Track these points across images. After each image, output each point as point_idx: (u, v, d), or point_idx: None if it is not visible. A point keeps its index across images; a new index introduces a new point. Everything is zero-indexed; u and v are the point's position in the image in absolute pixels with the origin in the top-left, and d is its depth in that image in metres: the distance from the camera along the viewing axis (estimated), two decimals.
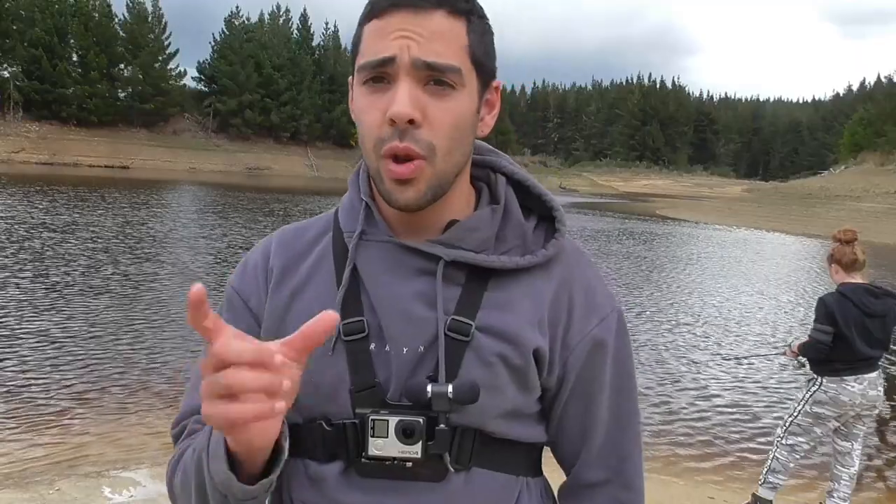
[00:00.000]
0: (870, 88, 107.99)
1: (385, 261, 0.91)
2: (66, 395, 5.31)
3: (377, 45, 0.83)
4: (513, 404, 0.91)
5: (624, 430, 0.97)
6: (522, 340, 0.89)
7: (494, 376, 0.88)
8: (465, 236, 0.90)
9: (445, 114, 0.84)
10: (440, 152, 0.84)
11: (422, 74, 0.82)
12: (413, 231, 0.92)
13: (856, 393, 3.72)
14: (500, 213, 0.94)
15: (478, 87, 0.88)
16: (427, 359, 0.87)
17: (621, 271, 14.47)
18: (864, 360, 3.74)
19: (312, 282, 0.94)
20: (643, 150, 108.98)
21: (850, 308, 3.69)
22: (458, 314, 0.88)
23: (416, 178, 0.84)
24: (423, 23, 0.82)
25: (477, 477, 0.89)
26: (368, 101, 0.85)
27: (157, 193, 28.08)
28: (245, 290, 0.98)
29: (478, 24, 0.87)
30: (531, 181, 0.99)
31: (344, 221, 0.97)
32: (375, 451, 0.85)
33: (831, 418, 3.81)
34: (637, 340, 8.43)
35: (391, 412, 0.86)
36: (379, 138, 0.84)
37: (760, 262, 18.56)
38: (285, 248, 0.98)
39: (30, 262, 10.58)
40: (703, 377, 7.14)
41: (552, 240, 0.95)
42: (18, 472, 4.00)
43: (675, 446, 5.26)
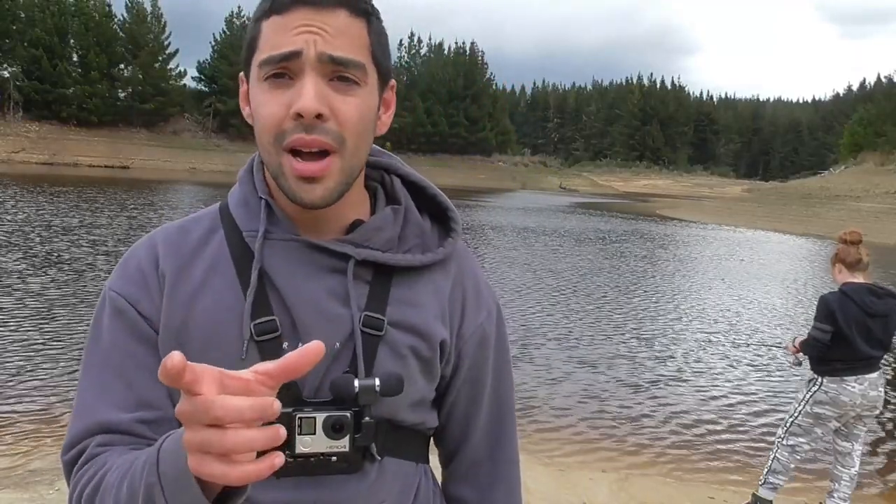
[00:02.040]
0: (870, 88, 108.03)
1: (294, 260, 0.91)
2: (66, 395, 5.31)
3: (280, 40, 0.82)
4: (420, 394, 0.96)
5: (503, 410, 1.07)
6: (431, 333, 0.94)
7: (406, 368, 0.92)
8: (371, 236, 0.93)
9: (351, 108, 0.84)
10: (349, 146, 0.85)
11: (327, 69, 0.82)
12: (317, 229, 0.92)
13: (856, 393, 3.71)
14: (402, 213, 0.98)
15: (378, 85, 0.89)
16: (343, 355, 0.89)
17: (620, 269, 14.47)
18: (864, 361, 3.73)
19: (210, 285, 0.91)
20: (643, 150, 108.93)
21: (851, 307, 3.69)
22: (369, 310, 0.91)
23: (324, 176, 0.84)
24: (326, 19, 0.82)
25: (388, 466, 0.93)
26: (269, 97, 0.83)
27: (160, 193, 28.06)
28: (132, 295, 0.92)
29: (376, 25, 0.88)
30: (425, 182, 1.04)
31: (241, 220, 0.94)
32: (303, 449, 0.84)
33: (832, 419, 3.81)
34: (638, 340, 8.43)
35: (315, 409, 0.84)
36: (280, 131, 0.83)
37: (761, 262, 18.55)
38: (173, 248, 0.94)
39: (38, 260, 10.58)
40: (703, 377, 7.14)
41: (448, 239, 1.00)
42: (18, 473, 4.01)
43: (674, 446, 5.27)
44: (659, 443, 5.30)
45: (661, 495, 4.28)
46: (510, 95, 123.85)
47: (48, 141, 49.20)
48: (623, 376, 6.94)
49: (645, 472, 4.72)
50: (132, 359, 0.90)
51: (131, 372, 0.89)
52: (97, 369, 0.91)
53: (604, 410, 5.87)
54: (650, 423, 5.68)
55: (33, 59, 51.83)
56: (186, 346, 0.87)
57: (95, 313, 0.94)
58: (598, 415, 5.75)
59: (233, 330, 0.88)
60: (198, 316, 0.89)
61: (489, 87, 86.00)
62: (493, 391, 1.05)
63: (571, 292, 11.54)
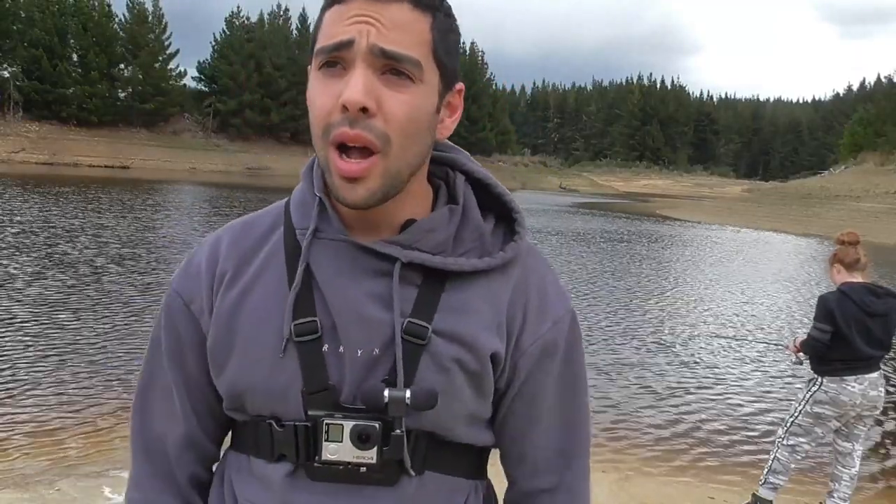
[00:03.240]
0: (870, 88, 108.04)
1: (339, 260, 0.87)
2: (66, 396, 5.30)
3: (335, 29, 0.80)
4: (468, 409, 0.89)
5: (570, 434, 0.96)
6: (479, 345, 0.87)
7: (451, 381, 0.86)
8: (421, 237, 0.87)
9: (401, 105, 0.79)
10: (395, 146, 0.80)
11: (378, 62, 0.79)
12: (368, 229, 0.88)
13: (856, 393, 3.71)
14: (459, 213, 0.91)
15: (439, 86, 0.84)
16: (382, 361, 0.85)
17: (620, 267, 14.47)
18: (864, 360, 3.73)
19: (261, 280, 0.90)
20: (643, 150, 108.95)
21: (850, 307, 3.68)
22: (414, 317, 0.85)
23: (366, 177, 0.80)
24: (384, 11, 0.79)
25: (429, 481, 0.88)
26: (322, 86, 0.81)
27: (163, 194, 28.06)
28: (187, 292, 0.94)
29: (443, 22, 0.83)
30: (491, 180, 0.96)
31: (296, 217, 0.92)
32: (329, 456, 0.83)
33: (832, 418, 3.80)
34: (638, 339, 8.43)
35: (346, 416, 0.84)
36: (328, 124, 0.80)
37: (762, 261, 18.54)
38: (235, 246, 0.93)
39: (37, 263, 10.58)
40: (703, 376, 7.14)
41: (511, 242, 0.92)
42: (18, 473, 4.00)
43: (674, 446, 5.26)
44: (659, 443, 5.29)
45: (661, 495, 4.27)
46: (510, 95, 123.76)
47: (48, 141, 49.16)
48: (622, 376, 6.93)
49: (645, 472, 4.71)
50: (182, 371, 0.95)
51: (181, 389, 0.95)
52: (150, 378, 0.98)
53: (603, 411, 5.87)
54: (650, 423, 5.68)
55: (33, 59, 51.78)
56: (234, 340, 0.89)
57: (161, 306, 0.98)
58: (598, 415, 5.75)
59: (275, 327, 0.87)
60: (247, 310, 0.89)
61: (489, 86, 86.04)
62: (557, 410, 0.94)
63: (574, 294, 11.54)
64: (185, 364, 0.94)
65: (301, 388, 0.85)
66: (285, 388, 0.86)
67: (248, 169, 57.04)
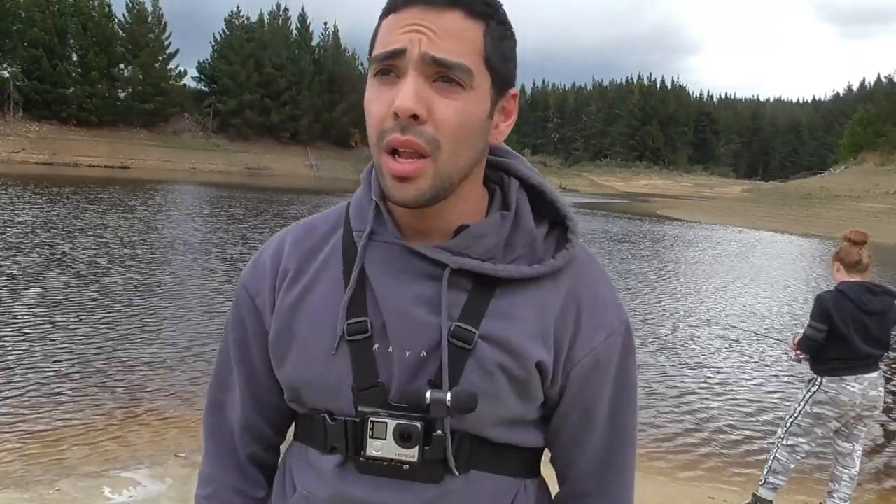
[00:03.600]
0: (870, 88, 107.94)
1: (392, 263, 0.90)
2: (66, 396, 5.31)
3: (389, 38, 0.82)
4: (512, 413, 0.91)
5: (618, 446, 0.97)
6: (525, 353, 0.88)
7: (494, 385, 0.88)
8: (472, 243, 0.89)
9: (451, 112, 0.82)
10: (445, 151, 0.82)
11: (430, 70, 0.81)
12: (421, 233, 0.91)
13: (856, 393, 3.71)
14: (511, 219, 0.92)
15: (491, 92, 0.86)
16: (429, 363, 0.88)
17: (622, 268, 14.47)
18: (863, 360, 3.72)
19: (321, 280, 0.94)
20: (643, 150, 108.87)
21: (847, 305, 3.68)
22: (462, 321, 0.88)
23: (417, 177, 0.83)
24: (437, 19, 0.81)
25: (474, 479, 0.91)
26: (376, 93, 0.84)
27: (163, 194, 28.06)
28: (253, 287, 0.99)
29: (496, 30, 0.85)
30: (545, 186, 0.97)
31: (354, 220, 0.96)
32: (373, 452, 0.87)
33: (832, 419, 3.80)
34: (639, 339, 8.40)
35: (390, 415, 0.87)
36: (382, 130, 0.83)
37: (762, 261, 18.54)
38: (299, 245, 0.98)
39: (38, 264, 10.58)
40: (703, 376, 7.14)
41: (562, 250, 0.93)
42: (18, 473, 4.00)
43: (675, 446, 5.26)
44: (659, 443, 5.29)
45: (661, 495, 4.27)
46: None
47: (48, 141, 49.15)
48: None
49: (645, 473, 4.71)
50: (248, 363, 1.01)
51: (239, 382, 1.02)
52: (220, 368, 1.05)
53: None
54: (650, 423, 5.67)
55: (33, 59, 51.77)
56: (294, 336, 0.94)
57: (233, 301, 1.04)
58: None
59: (331, 325, 0.91)
60: (306, 308, 0.93)
61: None
62: (609, 422, 0.96)
63: None
64: (249, 355, 1.00)
65: (352, 384, 0.89)
66: (337, 384, 0.90)
67: (248, 169, 57.02)
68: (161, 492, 3.76)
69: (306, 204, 27.63)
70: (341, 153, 67.49)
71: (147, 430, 4.79)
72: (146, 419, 5.00)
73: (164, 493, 3.75)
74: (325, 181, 51.37)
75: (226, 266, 11.81)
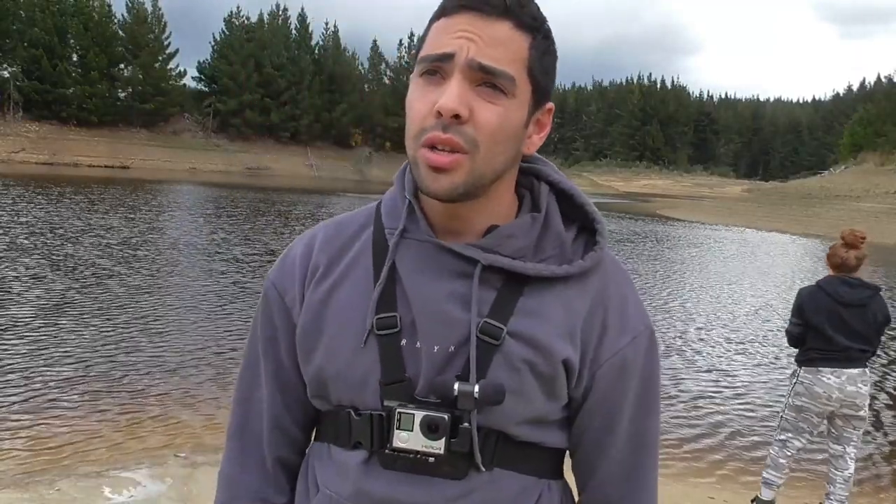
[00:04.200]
0: (870, 88, 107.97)
1: (423, 260, 0.92)
2: (66, 396, 5.31)
3: (439, 41, 0.85)
4: (538, 411, 0.92)
5: (641, 450, 0.99)
6: (552, 350, 0.90)
7: (521, 382, 0.89)
8: (502, 242, 0.91)
9: (492, 115, 0.85)
10: (482, 150, 0.85)
11: (475, 75, 0.84)
12: (453, 232, 0.93)
13: (832, 386, 3.70)
14: (541, 221, 0.95)
15: (530, 102, 0.89)
16: (457, 358, 0.89)
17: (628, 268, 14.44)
18: (842, 352, 3.71)
19: (350, 276, 0.96)
20: (643, 150, 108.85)
21: (822, 298, 3.76)
22: (490, 317, 0.90)
23: (452, 170, 0.85)
24: (486, 28, 0.84)
25: (498, 477, 0.91)
26: (420, 93, 0.87)
27: (164, 194, 28.05)
28: (282, 284, 1.01)
29: (541, 43, 0.88)
30: (575, 191, 0.99)
31: (386, 218, 0.98)
32: (400, 444, 0.88)
33: (812, 413, 3.80)
34: None
35: (418, 407, 0.88)
36: (422, 128, 0.86)
37: (764, 260, 18.55)
38: (329, 243, 1.00)
39: (39, 265, 10.58)
40: (703, 376, 7.14)
41: (591, 252, 0.95)
42: (18, 473, 4.00)
43: (674, 446, 5.26)
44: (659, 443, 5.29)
45: (660, 495, 4.26)
46: None
47: (48, 141, 49.15)
48: None
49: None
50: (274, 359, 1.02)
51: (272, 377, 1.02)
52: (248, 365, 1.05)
53: None
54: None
55: (33, 59, 51.77)
56: (322, 330, 0.95)
57: (261, 298, 1.04)
58: None
59: (360, 320, 0.92)
60: (335, 303, 0.95)
61: None
62: (632, 425, 0.98)
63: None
64: (277, 352, 1.01)
65: (379, 378, 0.91)
66: (364, 377, 0.91)
67: (247, 169, 57.02)
68: (161, 492, 3.75)
69: (308, 204, 27.64)
70: (341, 153, 67.50)
71: (147, 431, 4.78)
72: (147, 419, 5.00)
73: (164, 493, 3.75)
74: (325, 181, 51.37)
75: (229, 267, 11.80)
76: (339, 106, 67.50)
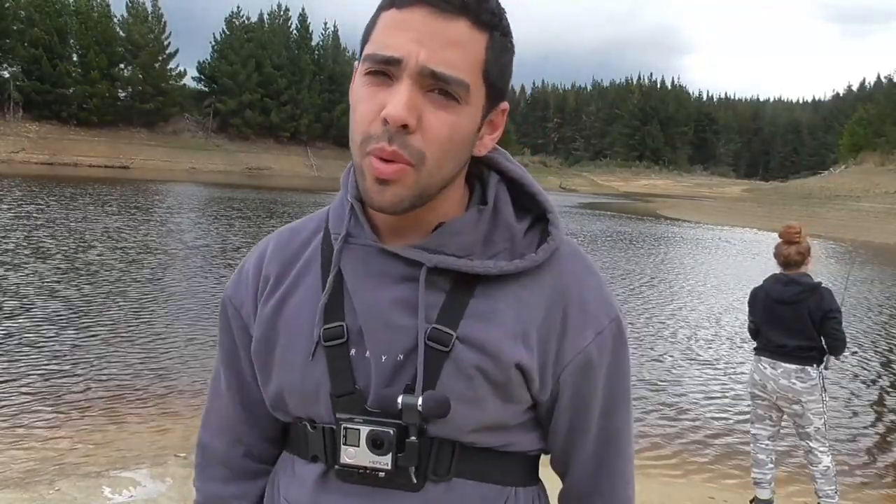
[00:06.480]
0: (870, 88, 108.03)
1: (367, 265, 0.88)
2: (66, 396, 5.30)
3: (388, 39, 0.79)
4: (494, 417, 0.87)
5: (613, 445, 0.95)
6: (503, 355, 0.85)
7: (473, 389, 0.85)
8: (447, 240, 0.86)
9: (442, 125, 0.79)
10: (429, 163, 0.80)
11: (426, 81, 0.78)
12: (398, 234, 0.88)
13: (767, 375, 3.86)
14: (488, 214, 0.89)
15: (484, 105, 0.84)
16: (406, 368, 0.85)
17: (629, 268, 14.47)
18: (778, 347, 3.84)
19: (301, 285, 0.92)
20: (643, 150, 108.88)
21: (760, 295, 3.96)
22: (439, 323, 0.85)
23: (397, 181, 0.80)
24: (441, 27, 0.78)
25: (457, 487, 0.87)
26: (366, 93, 0.81)
27: (165, 194, 28.04)
28: (237, 298, 0.98)
29: (498, 42, 0.83)
30: (526, 178, 0.93)
31: (332, 222, 0.94)
32: (347, 460, 0.85)
33: (760, 399, 3.97)
34: (641, 339, 8.42)
35: (364, 421, 0.84)
36: (367, 135, 0.80)
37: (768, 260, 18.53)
38: (280, 252, 0.96)
39: (40, 265, 10.58)
40: (703, 376, 7.14)
41: (543, 244, 0.89)
42: (18, 473, 4.00)
43: (675, 446, 5.26)
44: (659, 443, 5.29)
45: (661, 495, 4.27)
46: (510, 95, 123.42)
47: (48, 141, 49.16)
48: None
49: (645, 472, 4.71)
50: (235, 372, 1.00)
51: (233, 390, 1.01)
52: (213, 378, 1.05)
53: None
54: (650, 423, 5.67)
55: (33, 59, 51.77)
56: (275, 343, 0.92)
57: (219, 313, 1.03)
58: None
59: (309, 331, 0.89)
60: (286, 314, 0.92)
61: None
62: (602, 420, 0.93)
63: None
64: (238, 366, 0.99)
65: (329, 390, 0.87)
66: (316, 390, 0.88)
67: (248, 169, 57.04)
68: (161, 492, 3.75)
69: (317, 206, 27.60)
70: (341, 153, 67.36)
71: (148, 430, 4.78)
72: (147, 419, 5.00)
73: (164, 493, 3.74)
74: (325, 181, 51.35)
75: (229, 271, 11.80)
76: (339, 106, 67.42)
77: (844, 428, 5.79)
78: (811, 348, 3.78)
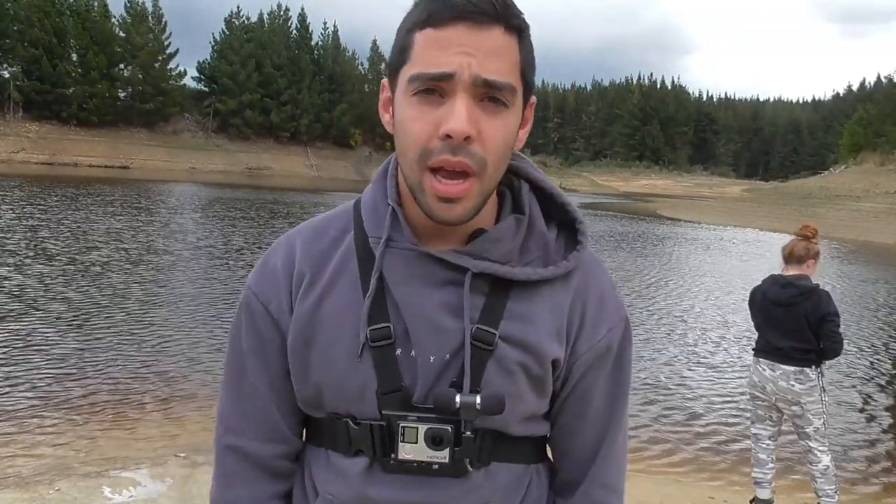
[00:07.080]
0: (870, 88, 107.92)
1: (411, 269, 0.91)
2: (66, 397, 5.30)
3: (435, 58, 0.82)
4: (531, 409, 0.95)
5: (610, 433, 1.01)
6: (543, 351, 0.92)
7: (515, 384, 0.91)
8: (490, 247, 0.91)
9: (497, 131, 0.84)
10: (489, 169, 0.85)
11: (479, 91, 0.82)
12: (438, 239, 0.92)
13: (766, 377, 3.87)
14: (525, 223, 0.95)
15: (521, 104, 0.88)
16: (452, 366, 0.90)
17: (632, 268, 14.47)
18: (775, 349, 3.84)
19: (338, 285, 0.94)
20: (643, 150, 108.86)
21: (758, 296, 3.97)
22: (482, 324, 0.90)
23: (464, 197, 0.84)
24: (483, 39, 0.82)
25: (495, 470, 0.94)
26: (418, 112, 0.83)
27: (165, 195, 28.04)
28: (265, 294, 0.98)
29: (526, 41, 0.87)
30: (556, 189, 0.99)
31: (368, 225, 0.95)
32: (405, 456, 0.90)
33: (759, 400, 3.96)
34: (642, 339, 8.42)
35: (420, 419, 0.89)
36: (426, 150, 0.83)
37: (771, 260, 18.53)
38: (309, 249, 0.97)
39: (40, 264, 10.57)
40: (703, 376, 7.14)
41: (573, 252, 0.96)
42: (18, 473, 4.00)
43: (675, 446, 5.26)
44: (659, 443, 5.29)
45: (660, 495, 4.27)
46: None
47: (48, 141, 49.18)
48: None
49: (645, 472, 4.71)
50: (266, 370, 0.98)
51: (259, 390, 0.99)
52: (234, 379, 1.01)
53: None
54: (650, 423, 5.67)
55: (33, 59, 51.78)
56: (314, 342, 0.94)
57: (238, 308, 1.01)
58: None
59: (352, 331, 0.92)
60: (325, 313, 0.93)
61: None
62: (602, 411, 1.00)
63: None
64: (268, 363, 0.98)
65: (376, 388, 0.91)
66: (361, 388, 0.91)
67: (248, 169, 57.06)
68: (161, 492, 3.75)
69: (322, 206, 27.60)
70: (341, 153, 67.50)
71: (148, 430, 4.78)
72: (147, 419, 5.00)
73: (164, 493, 3.74)
74: (324, 181, 51.34)
75: (235, 272, 11.80)
76: (338, 106, 67.51)
77: (844, 428, 5.79)
78: (808, 350, 3.77)
